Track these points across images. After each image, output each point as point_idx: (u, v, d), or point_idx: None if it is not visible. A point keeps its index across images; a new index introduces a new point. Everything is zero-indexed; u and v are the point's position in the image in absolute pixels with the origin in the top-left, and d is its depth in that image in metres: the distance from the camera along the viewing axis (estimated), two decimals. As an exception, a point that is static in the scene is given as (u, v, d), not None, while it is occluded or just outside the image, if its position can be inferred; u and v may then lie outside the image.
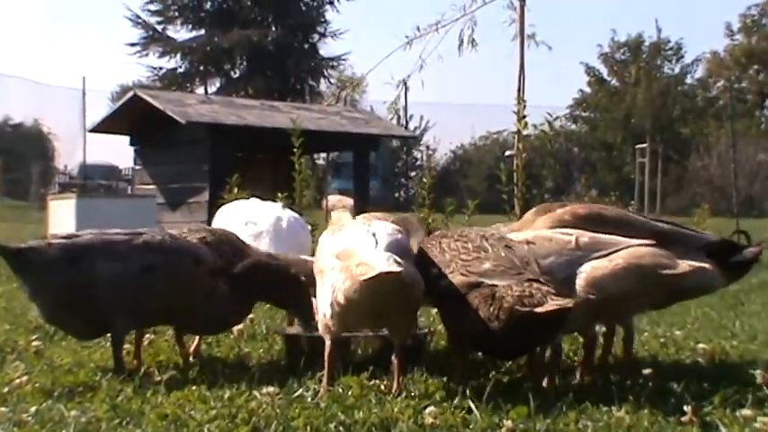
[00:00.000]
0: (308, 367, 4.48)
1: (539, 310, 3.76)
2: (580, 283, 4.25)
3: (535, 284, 3.89)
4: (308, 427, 3.59)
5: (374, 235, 4.07)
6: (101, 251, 4.48)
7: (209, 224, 14.75)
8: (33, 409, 3.81)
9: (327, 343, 4.14)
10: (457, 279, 4.05)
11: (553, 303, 3.77)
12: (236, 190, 11.23)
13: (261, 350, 5.31)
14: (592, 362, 4.58)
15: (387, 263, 3.79)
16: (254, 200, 6.14)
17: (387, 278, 3.76)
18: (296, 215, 5.84)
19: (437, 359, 4.90)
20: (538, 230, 4.50)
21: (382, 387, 4.26)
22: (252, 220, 5.50)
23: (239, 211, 5.80)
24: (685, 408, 3.72)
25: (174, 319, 4.82)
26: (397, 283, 3.79)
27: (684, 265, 4.20)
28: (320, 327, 4.18)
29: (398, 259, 3.85)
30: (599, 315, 4.47)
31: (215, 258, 4.71)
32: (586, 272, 4.27)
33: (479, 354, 4.55)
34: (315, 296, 4.33)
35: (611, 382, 4.32)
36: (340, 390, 4.15)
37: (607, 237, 4.37)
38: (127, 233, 4.61)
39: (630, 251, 4.29)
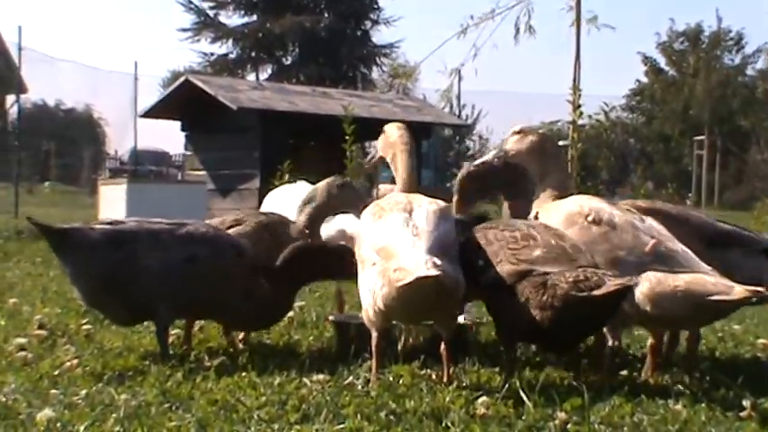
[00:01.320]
0: (359, 355, 4.49)
1: (597, 292, 3.67)
2: (641, 290, 4.13)
3: (589, 269, 3.83)
4: (359, 416, 3.59)
5: (415, 227, 4.03)
6: (144, 239, 4.51)
7: (260, 212, 15.04)
8: (84, 392, 3.86)
9: (374, 335, 4.14)
10: (506, 268, 4.00)
11: (614, 283, 3.67)
12: (286, 177, 11.25)
13: (311, 337, 5.34)
14: (655, 363, 4.53)
15: (425, 266, 3.74)
16: (302, 183, 6.12)
17: (424, 283, 3.72)
18: None
19: (487, 350, 4.90)
20: (626, 216, 4.37)
21: (433, 376, 4.27)
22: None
23: (288, 195, 5.79)
24: (744, 402, 3.69)
25: (216, 313, 4.84)
26: (435, 286, 3.76)
27: (741, 291, 4.08)
28: (365, 319, 4.18)
29: (437, 261, 3.79)
30: (656, 324, 4.42)
31: (257, 253, 4.73)
32: (649, 282, 4.13)
33: (532, 346, 4.52)
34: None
35: (668, 377, 4.26)
36: (391, 378, 4.15)
37: (688, 254, 4.22)
38: (170, 223, 4.64)
39: (695, 277, 4.10)
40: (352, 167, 11.39)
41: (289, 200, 5.69)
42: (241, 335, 5.14)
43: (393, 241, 3.99)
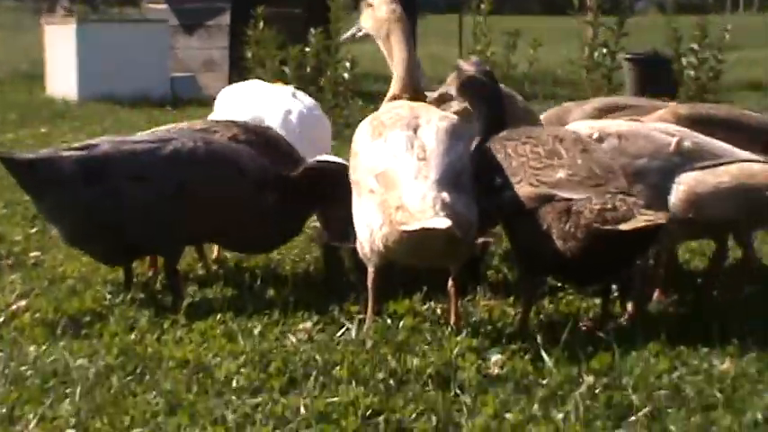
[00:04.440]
0: (351, 286, 4.13)
1: (623, 227, 3.36)
2: (677, 197, 3.83)
3: (619, 196, 3.49)
4: (354, 380, 3.27)
5: (422, 149, 3.61)
6: (123, 169, 4.00)
7: (231, 51, 14.38)
8: (32, 354, 3.51)
9: (370, 270, 3.76)
10: (525, 190, 3.65)
11: (642, 218, 3.36)
12: (261, 25, 10.64)
13: (296, 259, 4.92)
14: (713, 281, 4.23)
15: (433, 212, 3.36)
16: (258, 84, 5.60)
17: (431, 234, 3.33)
18: (309, 104, 5.28)
19: (499, 276, 4.57)
20: (632, 122, 4.06)
21: (438, 311, 3.95)
22: (258, 117, 5.00)
23: (242, 102, 5.26)
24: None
25: (219, 240, 4.49)
26: (444, 236, 3.36)
27: None
28: (360, 253, 3.79)
29: (446, 198, 3.42)
30: (698, 235, 4.08)
31: (261, 165, 4.26)
32: (686, 185, 3.83)
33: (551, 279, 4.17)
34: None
35: (708, 318, 3.89)
36: (389, 321, 3.81)
37: (715, 143, 3.92)
38: (152, 141, 4.13)
39: (741, 167, 3.82)
40: (336, 10, 10.47)
41: (242, 101, 5.21)
42: (215, 252, 4.78)
43: (395, 167, 3.58)
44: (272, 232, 4.34)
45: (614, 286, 4.01)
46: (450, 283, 3.77)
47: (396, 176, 3.54)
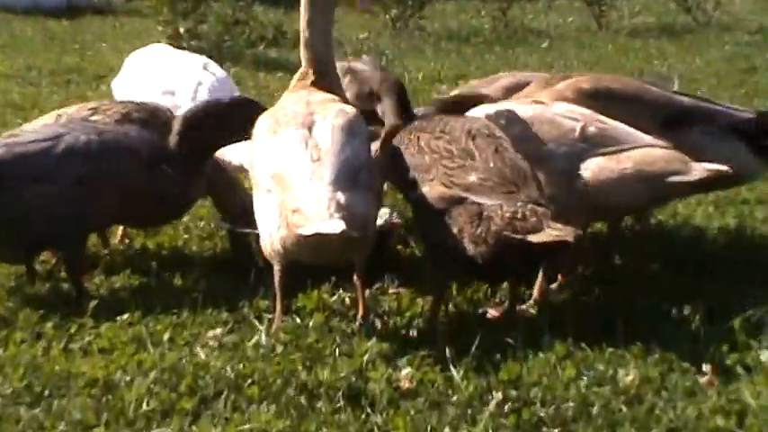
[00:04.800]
0: (261, 277, 4.11)
1: (532, 239, 3.41)
2: (582, 182, 3.88)
3: (529, 205, 3.52)
4: (266, 399, 3.29)
5: (316, 149, 3.60)
6: (19, 171, 3.92)
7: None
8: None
9: (276, 268, 3.75)
10: (437, 190, 3.68)
11: (550, 233, 3.41)
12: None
13: (201, 232, 4.87)
14: (573, 271, 4.27)
15: (327, 212, 3.37)
16: (167, 50, 5.42)
17: (327, 237, 3.34)
18: (221, 76, 5.13)
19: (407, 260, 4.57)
20: (540, 105, 4.07)
21: (347, 301, 3.98)
22: (169, 90, 4.87)
23: (151, 72, 5.09)
24: (704, 367, 3.46)
25: (121, 222, 4.49)
26: (339, 239, 3.36)
27: (700, 170, 3.78)
28: (263, 251, 3.78)
29: (341, 198, 3.42)
30: (601, 219, 4.14)
31: (152, 144, 4.19)
32: (590, 171, 3.88)
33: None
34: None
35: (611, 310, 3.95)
36: (298, 321, 3.82)
37: (619, 128, 3.95)
38: (44, 138, 4.03)
39: (641, 153, 3.87)
40: None
41: (152, 81, 5.06)
42: (119, 234, 4.71)
43: (289, 168, 3.57)
44: (172, 206, 4.32)
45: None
46: (355, 276, 3.79)
47: (291, 178, 3.54)
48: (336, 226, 3.32)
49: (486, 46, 11.56)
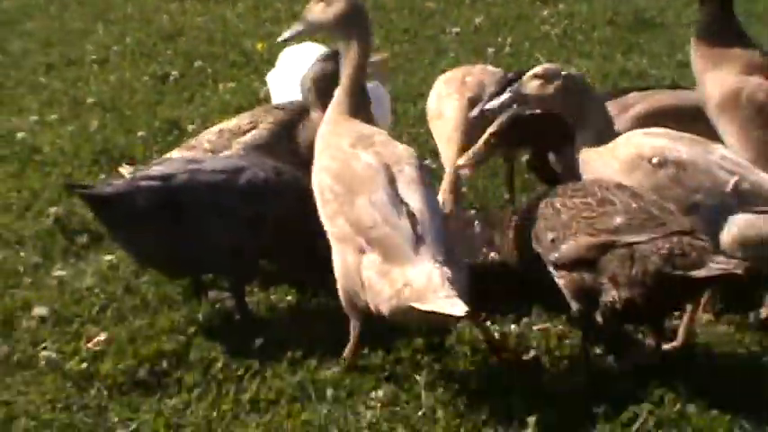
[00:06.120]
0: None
1: (697, 274, 3.43)
2: (728, 236, 3.90)
3: (686, 239, 3.53)
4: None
5: (409, 212, 3.62)
6: (199, 200, 4.10)
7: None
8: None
9: (355, 324, 3.82)
10: (582, 240, 3.69)
11: (717, 267, 3.41)
12: None
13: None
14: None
15: (447, 296, 3.40)
16: (319, 48, 5.43)
17: (444, 315, 3.41)
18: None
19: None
20: (693, 150, 4.03)
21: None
22: None
23: (304, 68, 4.99)
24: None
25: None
26: (456, 319, 3.50)
27: None
28: (343, 305, 3.79)
29: (449, 274, 3.48)
30: None
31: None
32: (738, 227, 3.90)
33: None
34: None
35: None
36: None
37: None
38: (224, 170, 4.22)
39: None
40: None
41: (304, 61, 5.08)
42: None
43: (389, 234, 3.58)
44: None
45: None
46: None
47: (395, 250, 3.56)
48: (459, 308, 3.36)
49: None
